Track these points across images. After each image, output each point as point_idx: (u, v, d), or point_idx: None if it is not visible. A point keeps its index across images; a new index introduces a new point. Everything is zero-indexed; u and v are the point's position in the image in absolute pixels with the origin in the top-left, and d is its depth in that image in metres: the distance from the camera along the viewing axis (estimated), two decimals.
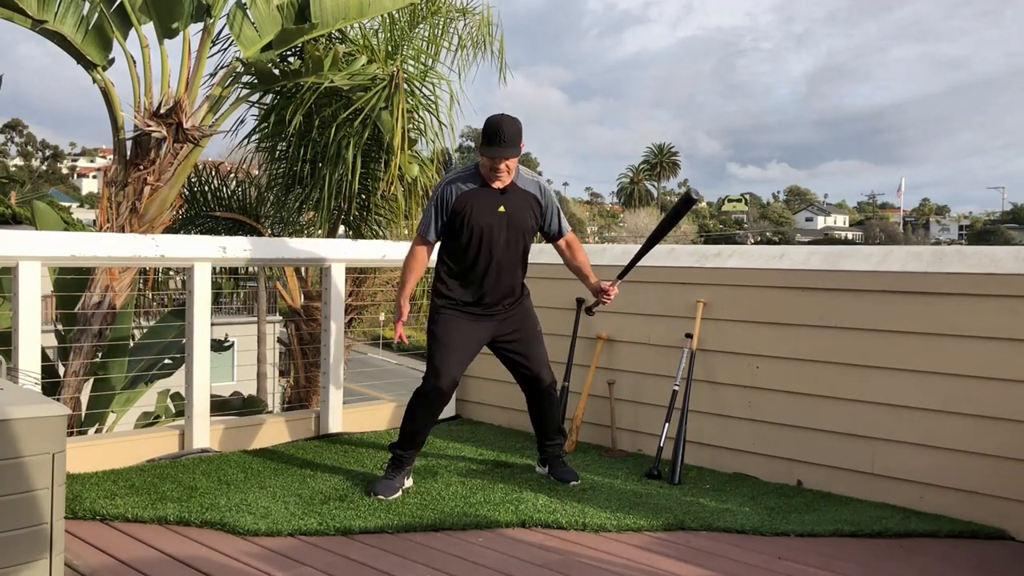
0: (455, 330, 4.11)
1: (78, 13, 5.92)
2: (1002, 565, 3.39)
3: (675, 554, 3.39)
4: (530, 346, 4.27)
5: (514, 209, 4.09)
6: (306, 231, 8.08)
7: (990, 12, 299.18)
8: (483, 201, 4.05)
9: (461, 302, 4.15)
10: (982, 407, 3.78)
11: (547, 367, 4.32)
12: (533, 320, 4.32)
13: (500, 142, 3.92)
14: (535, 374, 4.28)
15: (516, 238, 4.12)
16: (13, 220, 23.81)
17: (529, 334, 4.28)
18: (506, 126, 3.93)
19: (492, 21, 7.80)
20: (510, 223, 4.08)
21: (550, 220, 4.24)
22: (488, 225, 4.05)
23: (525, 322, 4.27)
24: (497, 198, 4.07)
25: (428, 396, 4.09)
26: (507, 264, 4.13)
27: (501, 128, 3.92)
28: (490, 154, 3.94)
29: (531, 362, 4.27)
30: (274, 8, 6.38)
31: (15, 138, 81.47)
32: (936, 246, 4.39)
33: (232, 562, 3.21)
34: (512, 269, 4.17)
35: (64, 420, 2.58)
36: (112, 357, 6.92)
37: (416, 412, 4.13)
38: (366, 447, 4.90)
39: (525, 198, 4.14)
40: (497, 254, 4.09)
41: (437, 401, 4.11)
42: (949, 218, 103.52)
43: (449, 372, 4.06)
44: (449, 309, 4.15)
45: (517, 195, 4.11)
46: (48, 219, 7.71)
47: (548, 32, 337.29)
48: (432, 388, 4.07)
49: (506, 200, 4.08)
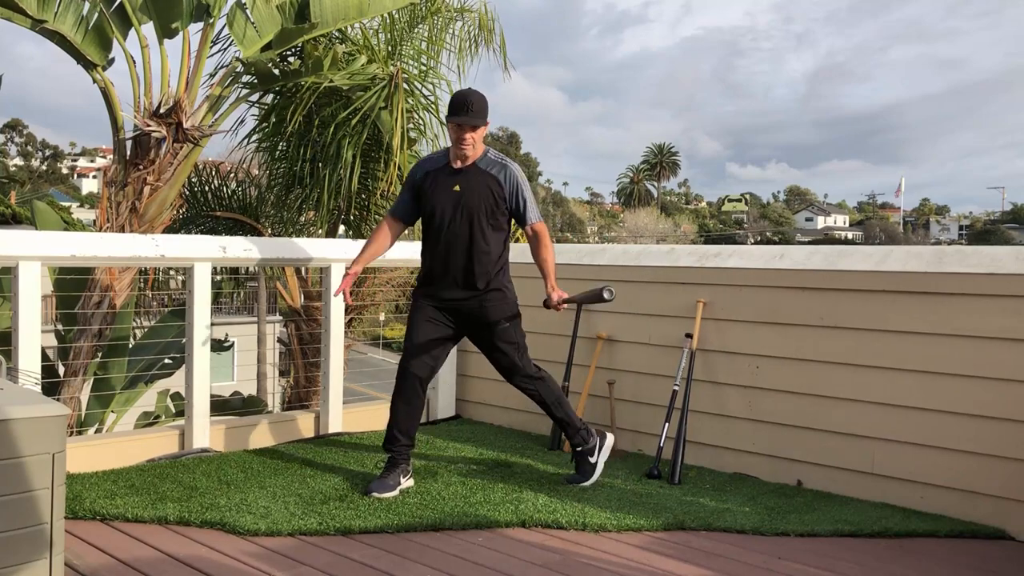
0: (421, 315, 4.18)
1: (78, 13, 5.92)
2: (1002, 565, 3.39)
3: (675, 554, 3.39)
4: (489, 350, 4.25)
5: (468, 188, 4.08)
6: (306, 231, 8.08)
7: (990, 12, 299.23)
8: (441, 179, 4.11)
9: (426, 286, 4.22)
10: (982, 407, 3.78)
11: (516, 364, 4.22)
12: (496, 314, 4.17)
13: (467, 111, 3.97)
14: (507, 376, 4.28)
15: (465, 218, 4.08)
16: (13, 220, 23.79)
17: (489, 328, 4.18)
18: (473, 96, 4.00)
19: (492, 17, 7.80)
20: (460, 202, 4.07)
21: (515, 206, 4.17)
22: (441, 203, 4.08)
23: (487, 316, 4.17)
24: (454, 177, 4.09)
25: (398, 380, 4.16)
26: (457, 246, 4.10)
27: (468, 98, 3.99)
28: (456, 121, 3.98)
29: (497, 364, 4.27)
30: (274, 8, 6.37)
31: (15, 138, 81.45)
32: (936, 246, 4.39)
33: (232, 562, 3.21)
34: (464, 252, 4.10)
35: (64, 420, 2.58)
36: (112, 357, 6.92)
37: (392, 402, 4.20)
38: (366, 447, 4.90)
39: (484, 179, 4.11)
40: (448, 234, 4.10)
41: (406, 385, 4.14)
42: (949, 218, 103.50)
43: (414, 352, 4.11)
44: (418, 295, 4.25)
45: (475, 175, 4.10)
46: (48, 219, 7.71)
47: (548, 32, 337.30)
48: (400, 371, 4.15)
49: (462, 179, 4.08)
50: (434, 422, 5.69)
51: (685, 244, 6.43)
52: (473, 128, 4.00)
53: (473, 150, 4.06)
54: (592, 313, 5.19)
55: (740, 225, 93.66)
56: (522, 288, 4.57)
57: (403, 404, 4.16)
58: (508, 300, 4.24)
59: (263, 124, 7.61)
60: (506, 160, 4.20)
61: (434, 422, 5.69)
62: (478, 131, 4.03)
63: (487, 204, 4.11)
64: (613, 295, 4.54)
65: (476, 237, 4.11)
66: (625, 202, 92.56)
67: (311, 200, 7.40)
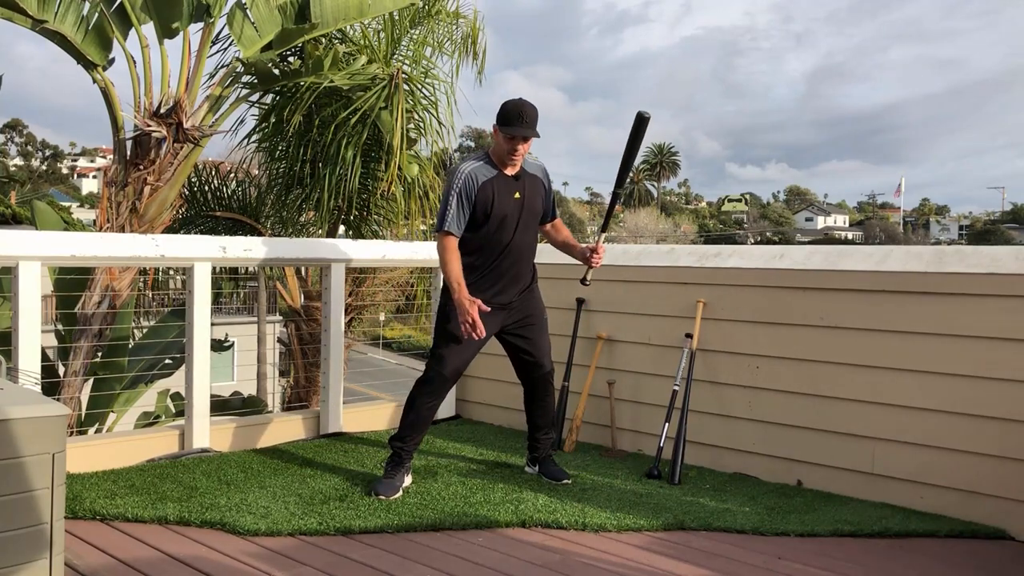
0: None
1: (78, 13, 5.92)
2: (1002, 565, 3.39)
3: (675, 554, 3.39)
4: (536, 334, 4.28)
5: (529, 195, 4.13)
6: (306, 231, 8.08)
7: (989, 12, 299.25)
8: (503, 189, 4.05)
9: (477, 292, 4.04)
10: (982, 407, 3.78)
11: (549, 355, 4.34)
12: (541, 307, 4.33)
13: (522, 122, 3.94)
14: (537, 361, 4.29)
15: (530, 224, 4.16)
16: (13, 220, 23.80)
17: (537, 321, 4.29)
18: (528, 108, 3.98)
19: (480, 27, 7.85)
20: (525, 209, 4.11)
21: (550, 204, 4.30)
22: (508, 213, 4.06)
23: (534, 309, 4.28)
24: (512, 184, 4.08)
25: (432, 384, 4.10)
26: (524, 251, 4.17)
27: (524, 109, 3.96)
28: (512, 133, 3.95)
29: (535, 350, 4.28)
30: (274, 8, 6.38)
31: (15, 138, 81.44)
32: (936, 246, 4.39)
33: (232, 562, 3.21)
34: (528, 256, 4.21)
35: (64, 420, 2.58)
36: (112, 357, 6.91)
37: (417, 401, 4.14)
38: (366, 447, 4.90)
39: (535, 183, 4.18)
40: (515, 242, 4.11)
41: (440, 390, 4.13)
42: (949, 218, 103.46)
43: (453, 361, 4.08)
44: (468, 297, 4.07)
45: (529, 180, 4.14)
46: (48, 219, 7.71)
47: (548, 32, 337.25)
48: (437, 376, 4.08)
49: (520, 186, 4.10)
50: (434, 422, 5.67)
51: (685, 244, 6.43)
52: (526, 140, 3.99)
53: (522, 159, 4.09)
54: (592, 313, 5.19)
55: (740, 225, 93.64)
56: None
57: (431, 405, 4.15)
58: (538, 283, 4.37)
59: (263, 124, 7.61)
60: (538, 159, 4.25)
61: (434, 422, 5.67)
62: (529, 142, 4.03)
63: (541, 207, 4.23)
64: (648, 113, 4.08)
65: (534, 241, 4.23)
66: (625, 202, 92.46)
67: (311, 200, 7.40)
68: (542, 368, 4.31)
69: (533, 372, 4.32)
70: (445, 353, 4.08)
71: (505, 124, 3.95)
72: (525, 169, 4.14)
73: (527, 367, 4.32)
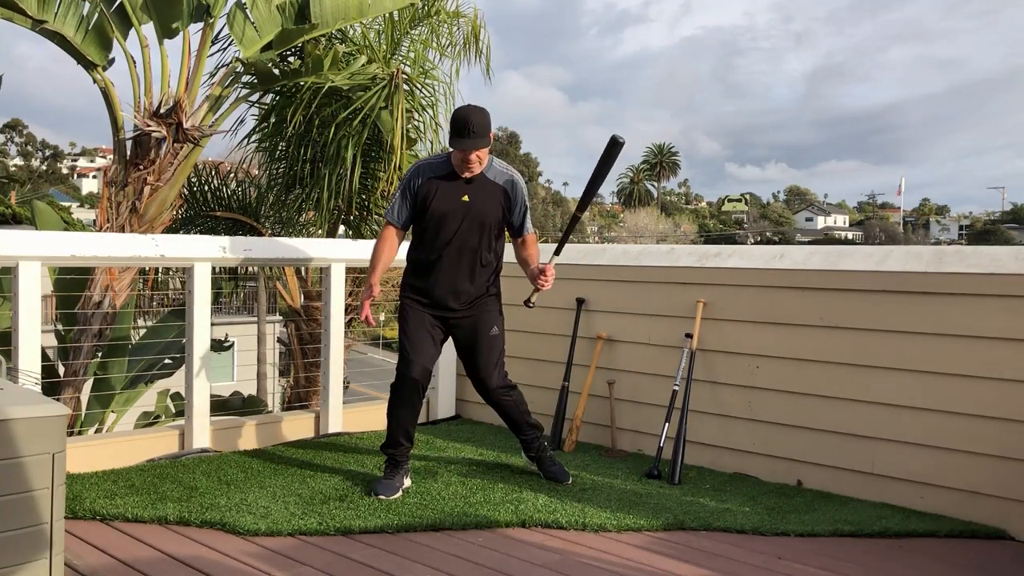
0: (417, 321, 4.12)
1: (78, 13, 5.92)
2: (1002, 565, 3.39)
3: (675, 554, 3.39)
4: (480, 352, 4.18)
5: (478, 200, 4.04)
6: (306, 231, 8.08)
7: (989, 12, 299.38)
8: (447, 188, 4.03)
9: (419, 293, 4.15)
10: (982, 407, 3.78)
11: (496, 369, 4.21)
12: (490, 321, 4.18)
13: (469, 133, 3.88)
14: (481, 378, 4.22)
15: (473, 229, 4.05)
16: (13, 220, 23.80)
17: (481, 339, 4.17)
18: (474, 117, 3.89)
19: (481, 26, 7.84)
20: (470, 213, 4.03)
21: (516, 216, 4.17)
22: (447, 213, 4.02)
23: (480, 325, 4.17)
24: (462, 187, 4.03)
25: (400, 387, 4.10)
26: (464, 256, 4.07)
27: (470, 119, 3.88)
28: (459, 147, 3.90)
29: (480, 367, 4.20)
30: (274, 8, 6.38)
31: (15, 138, 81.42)
32: (936, 246, 4.39)
33: (232, 562, 3.21)
34: (468, 263, 4.09)
35: (64, 420, 2.58)
36: (112, 357, 6.92)
37: (393, 406, 4.14)
38: (366, 447, 4.90)
39: (492, 190, 4.08)
40: (454, 244, 4.05)
41: (409, 391, 4.09)
42: (949, 218, 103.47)
43: (416, 361, 4.06)
44: (410, 300, 4.17)
45: (484, 186, 4.06)
46: (48, 219, 7.71)
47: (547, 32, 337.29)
48: (401, 377, 4.08)
49: (471, 189, 4.04)
50: (434, 422, 5.69)
51: (685, 244, 6.43)
52: (476, 149, 3.94)
53: (480, 167, 4.02)
54: (592, 313, 5.19)
55: (740, 225, 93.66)
56: (512, 287, 4.58)
57: (406, 408, 4.13)
58: (498, 306, 4.26)
59: (263, 124, 7.61)
60: (512, 172, 4.16)
61: (434, 422, 5.69)
62: (482, 151, 3.98)
63: (497, 216, 4.10)
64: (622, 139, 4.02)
65: (482, 250, 4.10)
66: (625, 202, 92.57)
67: (311, 200, 7.40)
68: (486, 385, 4.21)
69: (479, 388, 4.26)
70: (405, 354, 4.09)
71: (452, 136, 3.92)
72: (487, 176, 4.06)
73: (474, 382, 4.27)
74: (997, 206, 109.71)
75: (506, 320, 4.32)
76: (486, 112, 3.95)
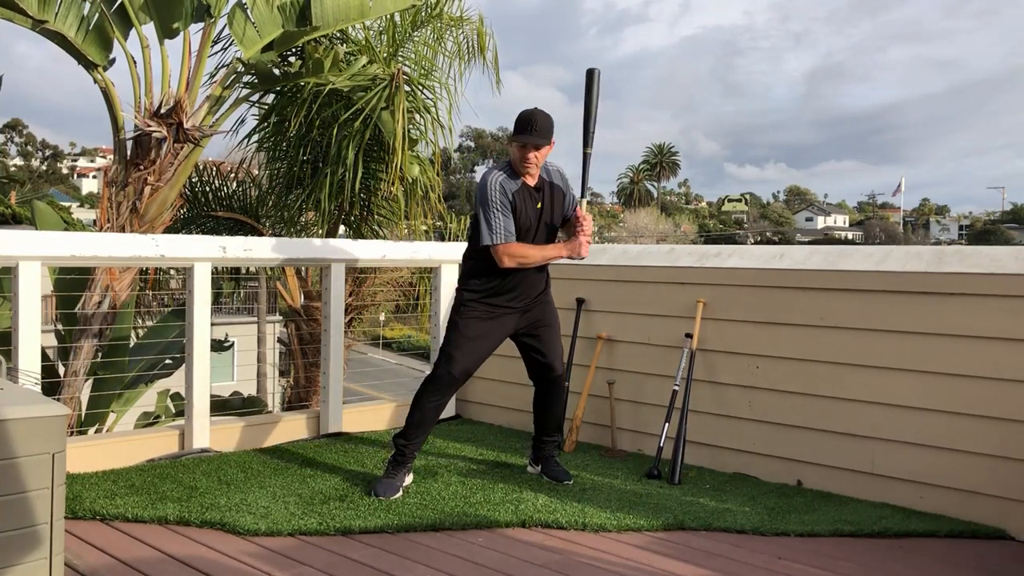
0: (477, 324, 4.11)
1: (78, 13, 5.92)
2: (1002, 565, 3.39)
3: (675, 554, 3.39)
4: (549, 336, 4.31)
5: (548, 205, 4.15)
6: (306, 231, 8.08)
7: (989, 12, 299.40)
8: (525, 198, 4.09)
9: (490, 298, 4.12)
10: (982, 407, 3.78)
11: (561, 359, 4.39)
12: (554, 311, 4.36)
13: (531, 130, 3.98)
14: (549, 363, 4.31)
15: (548, 234, 4.19)
16: (13, 220, 23.82)
17: (550, 324, 4.32)
18: (539, 117, 4.02)
19: (488, 32, 7.86)
20: (543, 219, 4.14)
21: (571, 208, 4.27)
22: (529, 223, 4.10)
23: (547, 313, 4.31)
24: (534, 195, 4.12)
25: (440, 382, 4.12)
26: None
27: (534, 118, 4.01)
28: (521, 141, 3.99)
29: (548, 351, 4.31)
30: (275, 9, 6.38)
31: (15, 138, 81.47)
32: (936, 246, 4.39)
33: (232, 562, 3.21)
34: (540, 267, 4.23)
35: (64, 420, 2.58)
36: (112, 357, 6.91)
37: (423, 399, 4.14)
38: (366, 447, 4.90)
39: (558, 195, 4.19)
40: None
41: (448, 390, 4.15)
42: (949, 218, 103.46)
43: (463, 361, 4.09)
44: (475, 303, 4.12)
45: (551, 191, 4.16)
46: (48, 219, 7.71)
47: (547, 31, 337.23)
48: (445, 375, 4.10)
49: (542, 196, 4.13)
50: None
51: (685, 244, 6.43)
52: (536, 148, 4.01)
53: (537, 168, 4.09)
54: (592, 313, 5.19)
55: (740, 225, 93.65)
56: None
57: (437, 410, 4.18)
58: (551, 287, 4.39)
59: (263, 124, 7.61)
60: (559, 167, 4.25)
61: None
62: (542, 150, 4.05)
63: (561, 218, 4.23)
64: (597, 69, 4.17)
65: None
66: (625, 202, 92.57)
67: (311, 200, 7.40)
68: (554, 370, 4.33)
69: (545, 374, 4.34)
70: (455, 353, 4.08)
71: (515, 133, 4.02)
72: (546, 178, 4.15)
73: (539, 368, 4.34)
74: (997, 206, 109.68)
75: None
76: (551, 117, 4.08)
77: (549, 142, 4.04)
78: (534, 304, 4.24)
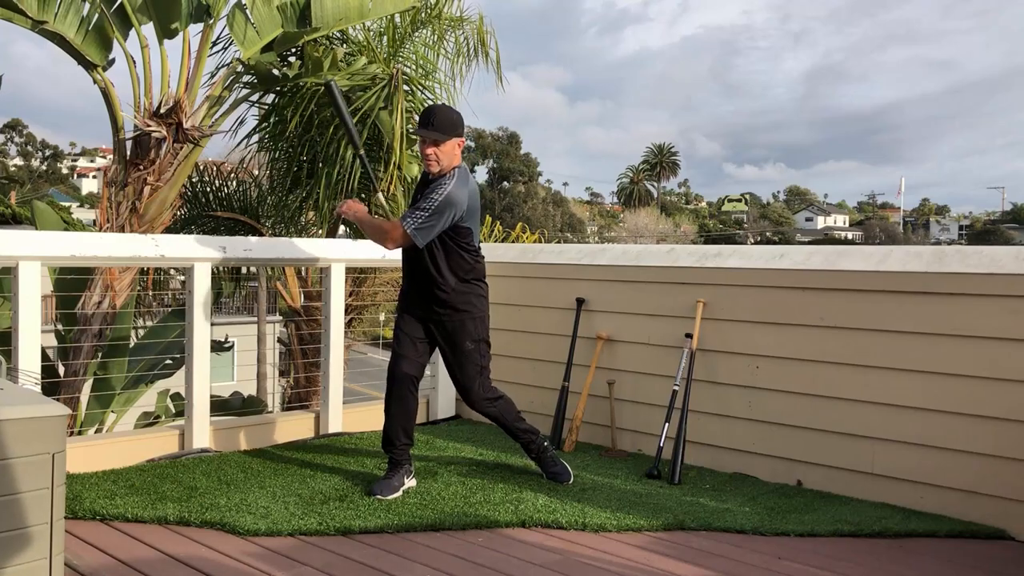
0: (403, 321, 4.21)
1: (78, 13, 5.92)
2: (1002, 565, 3.39)
3: (675, 554, 3.39)
4: (449, 361, 4.25)
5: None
6: (306, 231, 8.08)
7: (988, 12, 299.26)
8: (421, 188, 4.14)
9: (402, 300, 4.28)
10: (982, 407, 3.78)
11: (472, 382, 4.22)
12: (456, 340, 4.17)
13: (428, 125, 3.98)
14: (462, 387, 4.29)
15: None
16: (13, 220, 23.81)
17: (449, 350, 4.21)
18: (439, 112, 4.04)
19: (489, 32, 7.86)
20: None
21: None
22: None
23: (446, 336, 4.19)
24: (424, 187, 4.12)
25: (389, 385, 4.18)
26: (418, 264, 4.12)
27: (434, 112, 4.03)
28: (416, 133, 4.04)
29: (451, 375, 4.29)
30: (274, 9, 6.37)
31: (15, 138, 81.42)
32: (936, 246, 4.39)
33: (232, 562, 3.21)
34: (423, 270, 4.10)
35: (64, 420, 2.58)
36: (112, 357, 6.91)
37: (386, 404, 4.22)
38: (366, 447, 4.90)
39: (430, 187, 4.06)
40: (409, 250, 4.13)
41: (397, 389, 4.15)
42: (949, 218, 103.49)
43: (401, 356, 4.14)
44: (400, 306, 4.29)
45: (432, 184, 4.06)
46: (48, 219, 7.71)
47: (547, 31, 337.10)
48: (389, 376, 4.17)
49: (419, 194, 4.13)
50: (434, 422, 5.69)
51: (685, 244, 6.43)
52: (434, 143, 3.97)
53: (437, 165, 4.01)
54: (592, 313, 5.19)
55: (740, 225, 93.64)
56: (512, 287, 4.57)
57: (398, 405, 4.17)
58: (475, 320, 4.18)
59: (263, 124, 7.61)
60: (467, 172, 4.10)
61: (434, 422, 5.69)
62: (440, 146, 3.98)
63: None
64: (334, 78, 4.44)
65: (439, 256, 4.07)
66: (625, 202, 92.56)
67: (311, 200, 7.40)
68: (468, 394, 4.27)
69: (462, 398, 4.36)
70: (394, 348, 4.19)
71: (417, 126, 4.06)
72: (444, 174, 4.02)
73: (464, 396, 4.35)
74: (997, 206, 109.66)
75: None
76: (456, 114, 4.05)
77: (446, 137, 3.97)
78: (431, 318, 4.17)
